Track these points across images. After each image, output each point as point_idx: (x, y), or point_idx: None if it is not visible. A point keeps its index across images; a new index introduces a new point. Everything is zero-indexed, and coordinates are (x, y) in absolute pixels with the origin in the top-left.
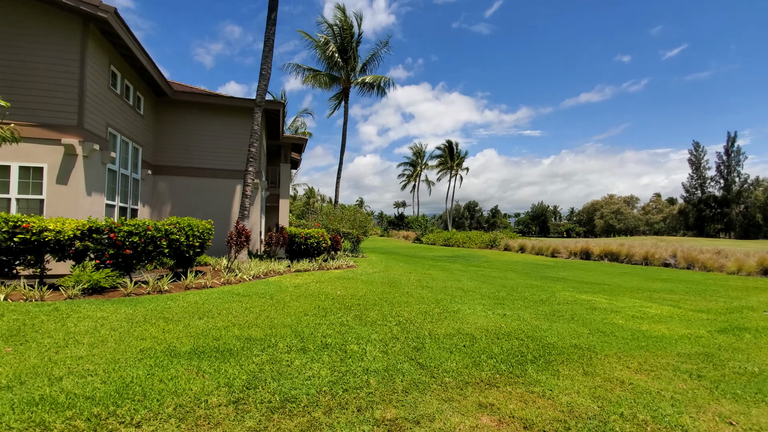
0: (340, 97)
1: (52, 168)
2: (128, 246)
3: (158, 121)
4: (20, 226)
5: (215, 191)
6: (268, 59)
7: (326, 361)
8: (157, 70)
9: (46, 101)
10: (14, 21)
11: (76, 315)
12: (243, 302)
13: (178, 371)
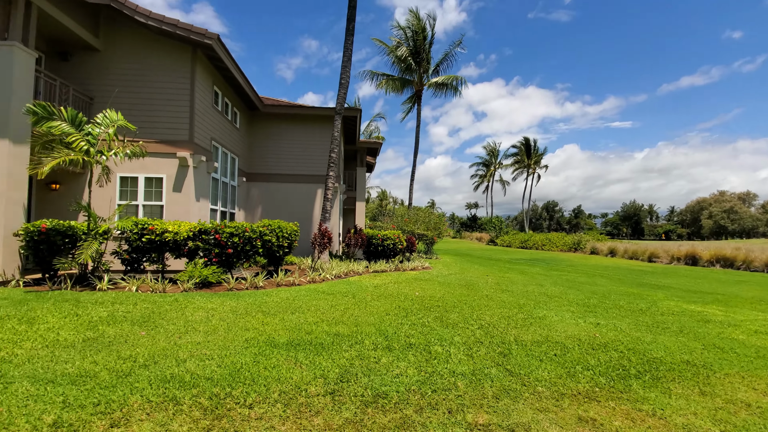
0: (412, 99)
1: (169, 178)
2: (230, 246)
3: (250, 132)
4: (147, 228)
5: (298, 195)
6: (347, 68)
7: (412, 360)
8: (251, 87)
9: (164, 121)
10: (141, 55)
11: (192, 306)
12: (328, 300)
13: (278, 360)
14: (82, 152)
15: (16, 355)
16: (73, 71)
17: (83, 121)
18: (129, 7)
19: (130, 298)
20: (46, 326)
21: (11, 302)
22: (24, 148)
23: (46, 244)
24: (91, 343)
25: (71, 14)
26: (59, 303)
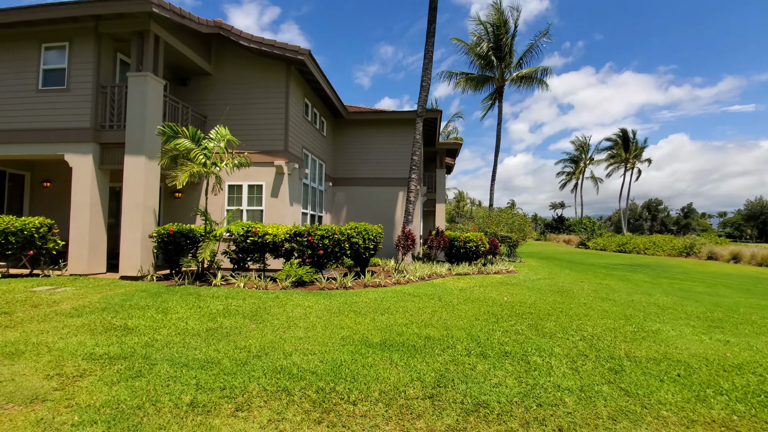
0: (492, 96)
1: (267, 185)
2: (321, 247)
3: (335, 139)
4: (251, 231)
5: (380, 198)
6: (428, 70)
7: (509, 369)
8: (337, 97)
9: (263, 132)
10: (244, 74)
11: (291, 303)
12: (415, 302)
13: (374, 360)
14: (200, 164)
15: (156, 341)
16: (190, 94)
17: (200, 137)
18: (235, 33)
19: (239, 293)
20: (177, 316)
21: (149, 294)
22: (155, 163)
23: (173, 244)
24: (213, 333)
25: (189, 45)
26: (185, 296)
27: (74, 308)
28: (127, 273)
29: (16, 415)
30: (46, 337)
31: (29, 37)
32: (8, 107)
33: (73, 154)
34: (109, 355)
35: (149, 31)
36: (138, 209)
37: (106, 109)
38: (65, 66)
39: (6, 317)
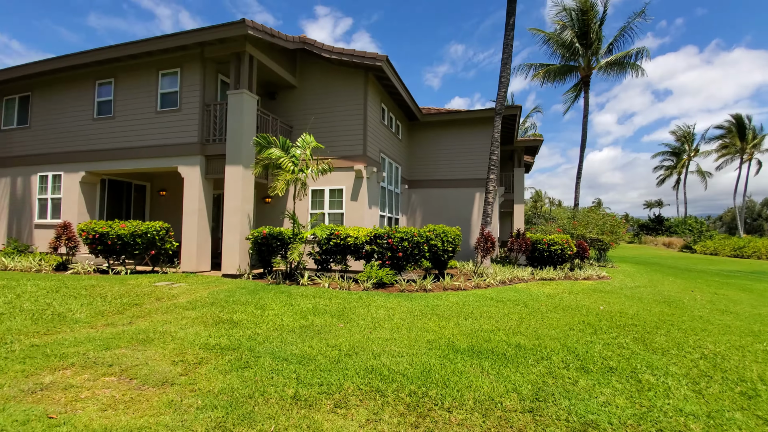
0: (577, 87)
1: (347, 189)
2: (400, 250)
3: (410, 142)
4: (334, 233)
5: (456, 199)
6: (507, 65)
7: (618, 387)
8: (412, 99)
9: (342, 138)
10: (324, 85)
11: (374, 304)
12: (499, 307)
13: (464, 367)
14: (289, 171)
15: (258, 335)
16: (278, 106)
17: (289, 146)
18: (317, 47)
19: (325, 293)
20: (273, 313)
21: (247, 291)
22: (250, 171)
23: (265, 246)
24: (306, 330)
25: (277, 61)
26: (278, 294)
27: (189, 302)
28: (228, 271)
29: (151, 395)
30: (169, 327)
31: (149, 66)
32: (134, 127)
33: (184, 166)
34: (221, 345)
35: (245, 52)
36: (236, 214)
37: (210, 124)
38: (177, 89)
39: (137, 308)
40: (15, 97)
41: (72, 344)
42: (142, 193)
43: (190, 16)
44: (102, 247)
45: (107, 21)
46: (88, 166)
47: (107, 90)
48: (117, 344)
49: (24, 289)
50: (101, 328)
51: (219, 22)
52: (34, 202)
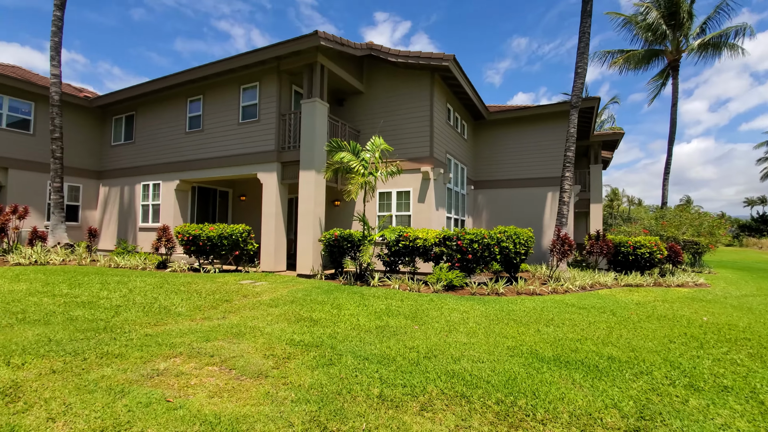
0: (663, 73)
1: (414, 190)
2: (470, 252)
3: (476, 141)
4: (403, 235)
5: (525, 200)
6: (584, 55)
7: (736, 409)
8: (479, 98)
9: (409, 141)
10: (390, 88)
11: (446, 307)
12: (582, 315)
13: (552, 377)
14: (360, 174)
15: (337, 333)
16: (346, 112)
17: (359, 150)
18: (384, 51)
19: (396, 294)
20: (349, 312)
21: (322, 291)
22: (322, 176)
23: (337, 247)
24: (382, 330)
25: (346, 69)
26: (351, 294)
27: (271, 300)
28: (302, 271)
29: (250, 386)
30: (257, 323)
31: (232, 81)
32: (219, 139)
33: (263, 172)
34: (304, 342)
35: (316, 62)
36: (309, 217)
37: (285, 133)
38: (256, 101)
39: (228, 304)
40: (122, 116)
41: (178, 335)
42: (225, 199)
43: (260, 33)
44: (194, 248)
45: (190, 44)
46: (181, 175)
47: (197, 106)
48: (215, 336)
49: (135, 284)
50: (200, 321)
51: (286, 37)
52: (138, 208)
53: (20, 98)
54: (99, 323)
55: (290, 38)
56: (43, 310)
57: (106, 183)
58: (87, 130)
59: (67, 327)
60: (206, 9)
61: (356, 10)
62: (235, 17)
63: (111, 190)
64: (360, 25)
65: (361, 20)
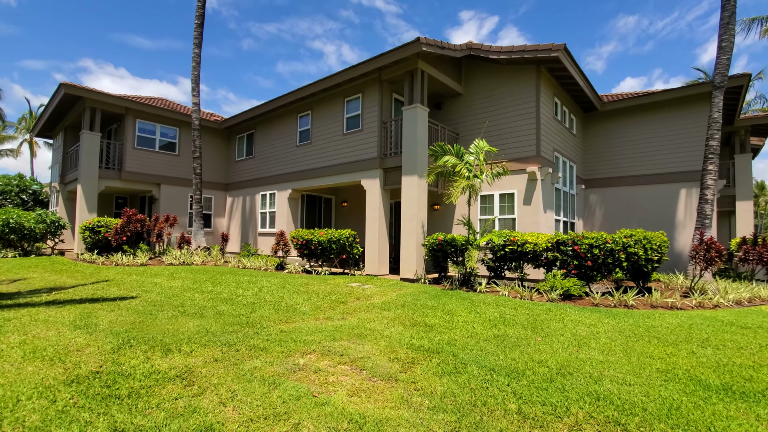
0: None
1: (519, 192)
2: (589, 258)
3: (585, 136)
4: (510, 239)
5: (648, 198)
6: (730, 26)
7: None
8: (592, 88)
9: (512, 140)
10: (490, 87)
11: (569, 318)
12: (747, 336)
13: (728, 410)
14: (464, 177)
15: (455, 340)
16: (445, 115)
17: (463, 153)
18: (484, 50)
19: (507, 302)
20: (462, 319)
21: (430, 296)
22: (424, 180)
23: (441, 252)
24: (501, 340)
25: (444, 71)
26: (459, 300)
27: (383, 303)
28: (406, 275)
29: (383, 388)
30: (375, 325)
31: (337, 95)
32: (326, 149)
33: (366, 179)
34: (424, 347)
35: (417, 69)
36: (412, 221)
37: (387, 140)
38: (359, 112)
39: (344, 305)
40: (244, 135)
41: (308, 333)
42: (329, 205)
43: (350, 48)
44: (307, 251)
45: (289, 66)
46: (293, 185)
47: (306, 121)
48: (340, 336)
49: (262, 284)
50: (322, 320)
51: (373, 48)
52: (257, 215)
53: (168, 125)
54: (241, 318)
55: (392, 48)
56: (196, 305)
57: (231, 194)
58: (217, 149)
59: (217, 320)
60: (302, 32)
61: (440, 13)
62: (327, 36)
63: (235, 200)
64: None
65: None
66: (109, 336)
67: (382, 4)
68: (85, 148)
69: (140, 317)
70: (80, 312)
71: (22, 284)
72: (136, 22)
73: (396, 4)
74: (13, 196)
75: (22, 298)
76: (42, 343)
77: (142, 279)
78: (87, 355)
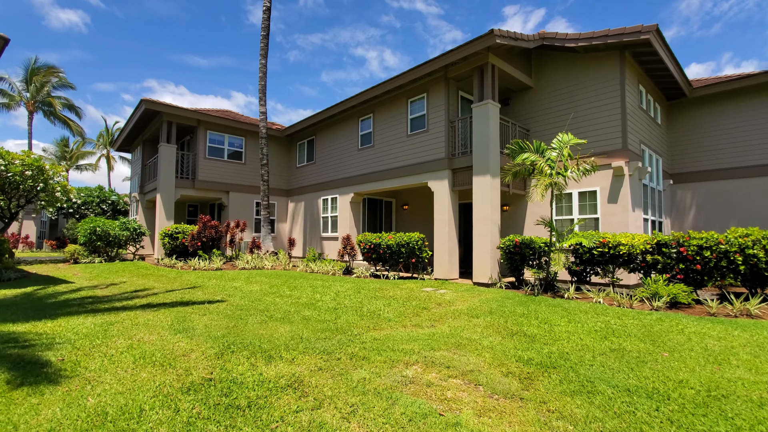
0: None
1: (603, 190)
2: (698, 261)
3: (670, 126)
4: (599, 241)
5: (753, 193)
6: None
7: None
8: (682, 73)
9: (594, 133)
10: (565, 78)
11: (689, 330)
12: None
13: None
14: (547, 175)
15: (566, 353)
16: (512, 111)
17: (544, 149)
18: (560, 38)
19: (606, 310)
20: (563, 329)
21: (516, 302)
22: (497, 180)
23: (519, 255)
24: (620, 355)
25: (514, 65)
26: (550, 307)
27: (467, 309)
28: (479, 280)
29: (512, 408)
30: (470, 334)
31: (400, 97)
32: (389, 152)
33: (433, 180)
34: (536, 361)
35: (487, 63)
36: (486, 223)
37: (454, 140)
38: (424, 112)
39: (427, 312)
40: (305, 141)
41: (402, 341)
42: (389, 208)
43: (391, 53)
44: (375, 255)
45: (333, 74)
46: (355, 189)
47: (367, 124)
48: (437, 346)
49: (336, 289)
50: (411, 328)
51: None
52: (320, 220)
53: (235, 135)
54: (328, 324)
55: (461, 44)
56: (280, 310)
57: (292, 199)
58: (279, 156)
59: (306, 326)
60: (345, 40)
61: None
62: (369, 42)
63: (297, 205)
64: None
65: (488, 19)
66: (209, 340)
67: (422, 5)
68: (163, 159)
69: (232, 321)
70: (175, 315)
71: (115, 288)
72: (192, 43)
73: (437, 4)
74: (94, 206)
75: (117, 301)
76: (148, 347)
77: (222, 283)
78: (194, 360)
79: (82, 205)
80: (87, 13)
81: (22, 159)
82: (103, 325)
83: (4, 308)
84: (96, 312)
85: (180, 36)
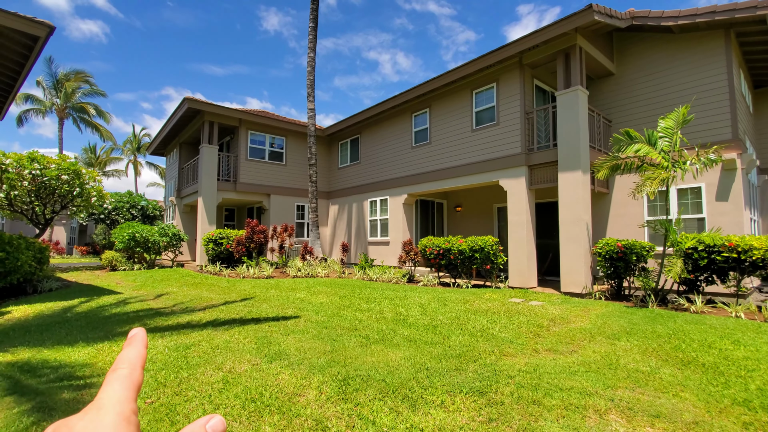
0: None
1: (709, 186)
2: None
3: (758, 115)
4: (721, 245)
5: None
6: None
7: None
8: None
9: (694, 123)
10: (655, 63)
11: None
12: None
13: None
14: (662, 168)
15: None
16: (591, 100)
17: (656, 139)
18: (654, 17)
19: (760, 327)
20: (740, 355)
21: (643, 318)
22: (587, 176)
23: (622, 260)
24: None
25: (599, 48)
26: (693, 325)
27: (593, 327)
28: (569, 289)
29: None
30: (628, 363)
31: (462, 88)
32: (450, 149)
33: (506, 179)
34: (756, 404)
35: (575, 45)
36: (576, 224)
37: (532, 133)
38: (494, 104)
39: (547, 332)
40: (347, 140)
41: (558, 375)
42: (440, 210)
43: (404, 55)
44: (444, 261)
45: (346, 80)
46: (408, 189)
47: (423, 119)
48: (611, 382)
49: (416, 301)
50: (545, 353)
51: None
52: (366, 223)
53: (276, 135)
54: (443, 348)
55: (545, 25)
56: (370, 327)
57: (334, 202)
58: (320, 157)
59: (418, 350)
60: (358, 44)
61: (495, 11)
62: (382, 46)
63: (339, 208)
64: (501, 24)
65: (501, 20)
66: (314, 371)
67: (435, 7)
68: (205, 160)
69: (326, 344)
70: (254, 335)
71: (167, 299)
72: (208, 52)
73: (449, 5)
74: (125, 212)
75: (177, 316)
76: (248, 382)
77: (283, 294)
78: (315, 402)
79: (112, 211)
80: (107, 23)
81: (57, 163)
82: (179, 349)
83: (56, 326)
84: (161, 330)
85: (196, 45)
